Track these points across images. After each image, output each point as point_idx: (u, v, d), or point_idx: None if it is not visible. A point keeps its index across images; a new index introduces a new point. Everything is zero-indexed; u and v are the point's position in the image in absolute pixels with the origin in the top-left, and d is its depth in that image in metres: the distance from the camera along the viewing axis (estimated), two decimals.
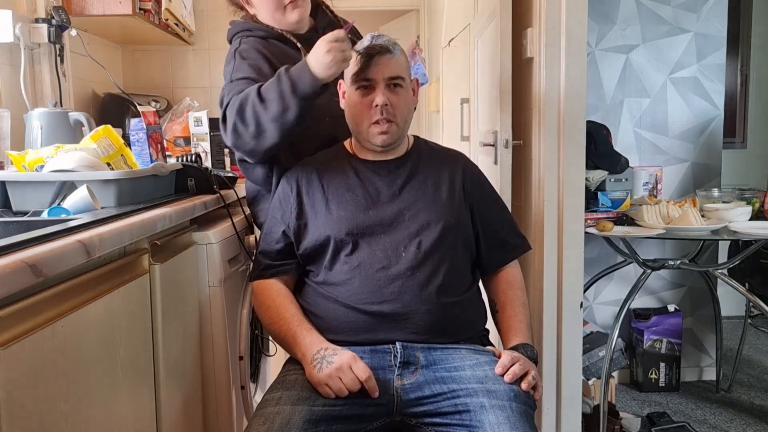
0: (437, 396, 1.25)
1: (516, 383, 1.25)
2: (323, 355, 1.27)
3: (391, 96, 1.41)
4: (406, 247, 1.36)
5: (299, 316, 1.37)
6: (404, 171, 1.46)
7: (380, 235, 1.38)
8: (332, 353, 1.27)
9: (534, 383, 1.28)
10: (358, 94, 1.42)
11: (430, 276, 1.35)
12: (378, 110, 1.39)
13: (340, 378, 1.23)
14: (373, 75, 1.40)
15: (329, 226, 1.39)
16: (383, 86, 1.40)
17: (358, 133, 1.45)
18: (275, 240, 1.46)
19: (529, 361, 1.31)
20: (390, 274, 1.34)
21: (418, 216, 1.40)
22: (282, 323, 1.37)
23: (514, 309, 1.45)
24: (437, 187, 1.45)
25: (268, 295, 1.43)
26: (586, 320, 2.86)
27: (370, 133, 1.42)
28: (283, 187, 1.50)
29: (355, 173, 1.46)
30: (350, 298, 1.34)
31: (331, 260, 1.39)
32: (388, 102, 1.40)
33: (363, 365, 1.25)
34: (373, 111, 1.40)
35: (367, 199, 1.42)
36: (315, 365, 1.26)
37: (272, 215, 1.49)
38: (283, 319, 1.37)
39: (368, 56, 1.39)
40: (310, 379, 1.26)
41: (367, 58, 1.39)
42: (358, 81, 1.41)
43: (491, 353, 1.34)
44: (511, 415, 1.17)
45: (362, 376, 1.23)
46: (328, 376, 1.23)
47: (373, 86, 1.41)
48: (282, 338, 1.38)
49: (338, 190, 1.44)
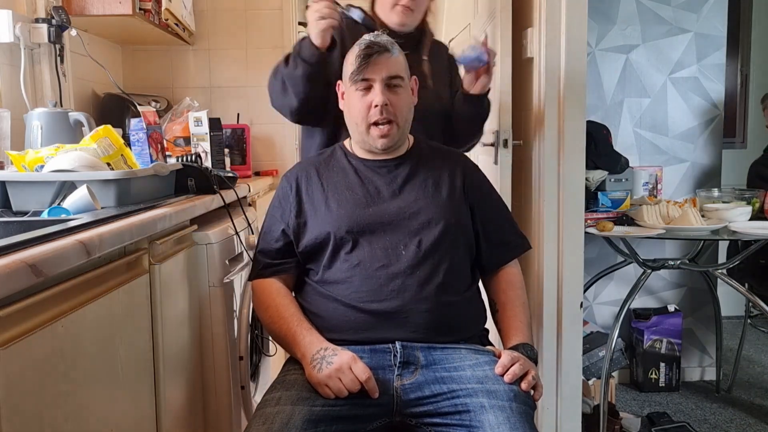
0: (437, 396, 1.25)
1: (516, 383, 1.25)
2: (323, 355, 1.26)
3: (390, 96, 1.40)
4: (406, 245, 1.36)
5: (299, 316, 1.37)
6: (404, 170, 1.46)
7: (380, 233, 1.38)
8: (332, 353, 1.26)
9: (534, 383, 1.27)
10: (357, 95, 1.41)
11: (430, 274, 1.35)
12: (377, 110, 1.39)
13: (340, 378, 1.22)
14: (371, 75, 1.39)
15: (329, 224, 1.39)
16: (382, 86, 1.39)
17: (358, 134, 1.45)
18: (275, 239, 1.45)
19: (529, 360, 1.31)
20: (390, 272, 1.34)
21: (418, 215, 1.40)
22: (282, 323, 1.37)
23: (515, 309, 1.44)
24: (437, 187, 1.45)
25: (267, 294, 1.42)
26: (586, 320, 2.86)
27: (371, 135, 1.41)
28: (283, 185, 1.50)
29: (355, 172, 1.46)
30: (350, 296, 1.34)
31: (331, 258, 1.39)
32: (387, 102, 1.39)
33: (363, 366, 1.24)
34: (373, 111, 1.39)
35: (367, 198, 1.42)
36: (315, 365, 1.26)
37: (271, 214, 1.49)
38: (283, 318, 1.37)
39: (366, 56, 1.38)
40: (309, 379, 1.26)
41: (365, 58, 1.38)
42: (356, 81, 1.40)
43: (491, 353, 1.34)
44: (511, 416, 1.17)
45: (362, 376, 1.23)
46: (328, 377, 1.23)
47: (372, 86, 1.40)
48: (282, 338, 1.38)
49: (338, 188, 1.44)
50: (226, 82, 2.85)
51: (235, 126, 2.70)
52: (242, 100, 2.84)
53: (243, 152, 2.69)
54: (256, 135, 2.83)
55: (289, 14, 2.83)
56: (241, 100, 2.84)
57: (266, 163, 2.88)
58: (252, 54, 2.83)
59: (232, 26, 2.83)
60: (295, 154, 2.86)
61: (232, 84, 2.85)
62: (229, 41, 2.83)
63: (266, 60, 2.82)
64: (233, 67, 2.84)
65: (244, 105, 2.83)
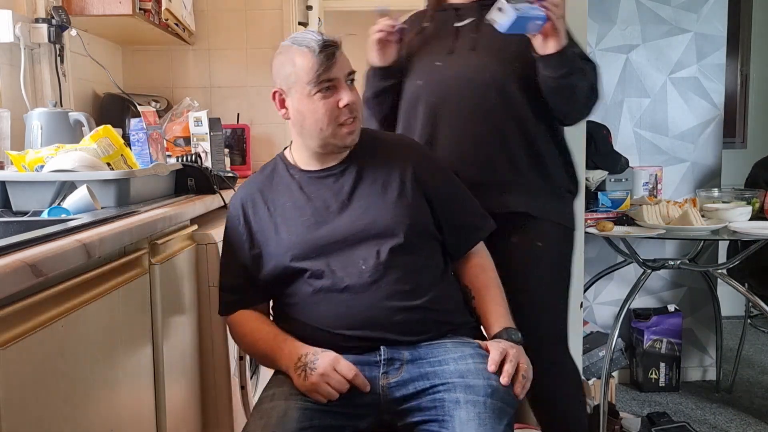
0: (420, 393, 1.24)
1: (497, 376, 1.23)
2: (304, 362, 1.24)
3: (351, 93, 1.32)
4: (365, 259, 1.30)
5: (273, 331, 1.34)
6: (350, 176, 1.37)
7: (336, 252, 1.31)
8: (314, 358, 1.24)
9: (525, 382, 1.25)
10: (318, 98, 1.29)
11: (395, 284, 1.29)
12: (347, 110, 1.30)
13: (328, 382, 1.21)
14: (336, 74, 1.29)
15: (281, 254, 1.33)
16: (345, 84, 1.31)
17: (321, 138, 1.32)
18: (233, 274, 1.40)
19: (517, 349, 1.28)
20: (354, 291, 1.28)
21: (372, 225, 1.32)
22: (260, 344, 1.34)
23: (491, 292, 1.40)
24: (387, 188, 1.36)
25: (241, 324, 1.38)
26: (586, 320, 2.86)
27: (338, 135, 1.32)
28: (230, 216, 1.42)
29: (299, 188, 1.38)
30: (320, 322, 1.30)
31: (293, 286, 1.34)
32: (353, 99, 1.32)
33: (347, 363, 1.23)
34: (341, 112, 1.30)
35: (316, 216, 1.34)
36: (299, 374, 1.24)
37: (226, 249, 1.43)
38: (260, 340, 1.34)
39: (330, 55, 1.28)
40: (299, 388, 1.24)
41: (328, 57, 1.28)
42: (320, 83, 1.28)
43: (477, 345, 1.31)
44: (483, 412, 1.15)
45: (348, 375, 1.21)
46: (315, 384, 1.21)
47: (336, 86, 1.30)
48: (264, 358, 1.36)
49: (285, 210, 1.36)
50: (226, 82, 2.85)
51: (235, 126, 2.70)
52: (242, 100, 2.84)
53: (243, 152, 2.69)
54: (256, 135, 2.83)
55: (289, 14, 2.83)
56: (241, 100, 2.84)
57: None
58: (252, 54, 2.83)
59: (232, 26, 2.83)
60: None
61: (232, 84, 2.84)
62: (229, 41, 2.83)
63: (266, 60, 2.79)
64: (233, 67, 2.84)
65: (244, 105, 2.83)
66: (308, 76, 1.28)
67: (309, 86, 1.29)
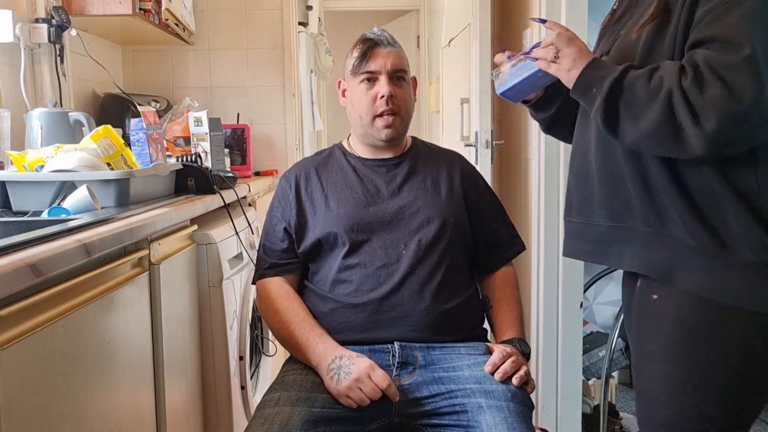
0: (435, 396, 1.25)
1: (508, 380, 1.25)
2: (339, 365, 1.25)
3: (395, 88, 1.40)
4: (406, 244, 1.36)
5: (309, 321, 1.35)
6: (403, 169, 1.46)
7: (380, 232, 1.37)
8: (349, 362, 1.25)
9: (526, 378, 1.27)
10: (361, 88, 1.40)
11: (429, 274, 1.34)
12: (383, 101, 1.38)
13: (360, 388, 1.22)
14: (376, 67, 1.39)
15: (329, 223, 1.39)
16: (387, 78, 1.39)
17: (361, 127, 1.44)
18: (279, 238, 1.45)
19: (521, 356, 1.31)
20: (390, 271, 1.34)
21: (418, 213, 1.39)
22: (292, 329, 1.35)
23: (509, 305, 1.44)
24: (436, 185, 1.45)
25: (275, 298, 1.40)
26: (586, 320, 2.86)
27: (375, 126, 1.41)
28: (281, 185, 1.49)
29: (354, 171, 1.46)
30: (349, 295, 1.34)
31: (332, 258, 1.39)
32: (393, 93, 1.39)
33: (382, 372, 1.23)
34: (378, 102, 1.39)
35: (367, 196, 1.41)
36: (332, 376, 1.25)
37: (272, 213, 1.48)
38: (293, 323, 1.35)
39: (370, 48, 1.39)
40: (329, 390, 1.25)
41: (367, 50, 1.39)
42: (360, 73, 1.40)
43: (488, 352, 1.33)
44: (509, 416, 1.17)
45: (382, 384, 1.22)
46: (348, 388, 1.22)
47: (377, 78, 1.39)
48: (292, 345, 1.36)
49: (337, 187, 1.44)
50: (226, 82, 2.85)
51: (235, 126, 2.70)
52: (242, 100, 2.84)
53: (243, 152, 2.69)
54: (256, 135, 2.83)
55: (289, 14, 2.83)
56: (241, 100, 2.84)
57: (266, 163, 2.88)
58: (252, 54, 2.83)
59: (232, 26, 2.83)
60: (295, 154, 2.86)
61: (232, 84, 2.84)
62: (229, 41, 2.83)
63: (266, 60, 2.82)
64: (233, 67, 2.84)
65: (244, 105, 2.83)
66: (351, 65, 1.42)
67: (351, 75, 1.42)
